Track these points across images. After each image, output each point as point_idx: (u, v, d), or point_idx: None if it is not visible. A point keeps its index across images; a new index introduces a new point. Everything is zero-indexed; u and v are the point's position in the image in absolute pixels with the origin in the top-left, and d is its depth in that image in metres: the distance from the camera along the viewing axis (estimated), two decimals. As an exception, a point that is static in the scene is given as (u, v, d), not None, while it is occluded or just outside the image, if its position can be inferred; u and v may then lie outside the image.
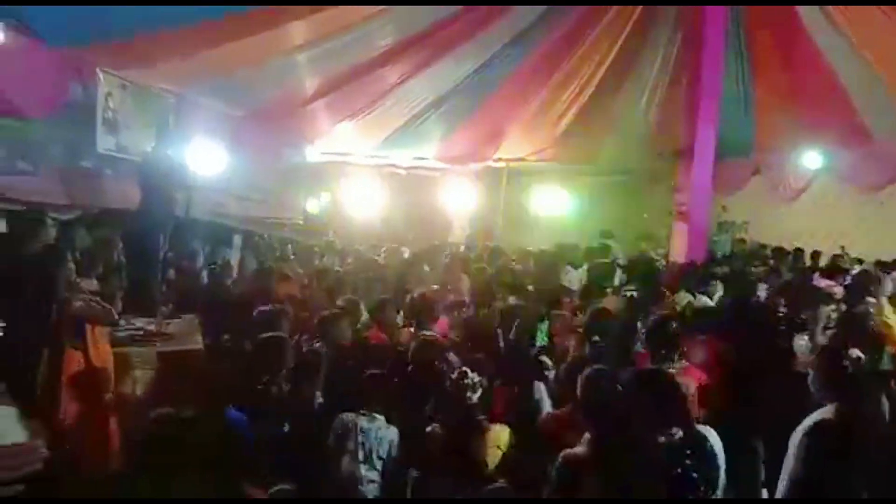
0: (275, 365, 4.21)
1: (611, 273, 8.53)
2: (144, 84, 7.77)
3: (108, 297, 5.34)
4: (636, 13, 9.53)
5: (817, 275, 8.37)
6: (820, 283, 7.62)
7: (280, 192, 11.43)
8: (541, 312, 6.10)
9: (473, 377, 3.69)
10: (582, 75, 10.53)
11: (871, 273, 7.66)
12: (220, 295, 7.22)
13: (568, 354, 4.91)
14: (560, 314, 5.93)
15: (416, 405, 4.19)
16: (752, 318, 5.60)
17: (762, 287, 7.64)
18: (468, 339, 5.18)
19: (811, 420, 3.22)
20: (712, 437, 3.07)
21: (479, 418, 3.71)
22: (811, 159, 11.03)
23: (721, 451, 3.06)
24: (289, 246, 11.26)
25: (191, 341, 5.66)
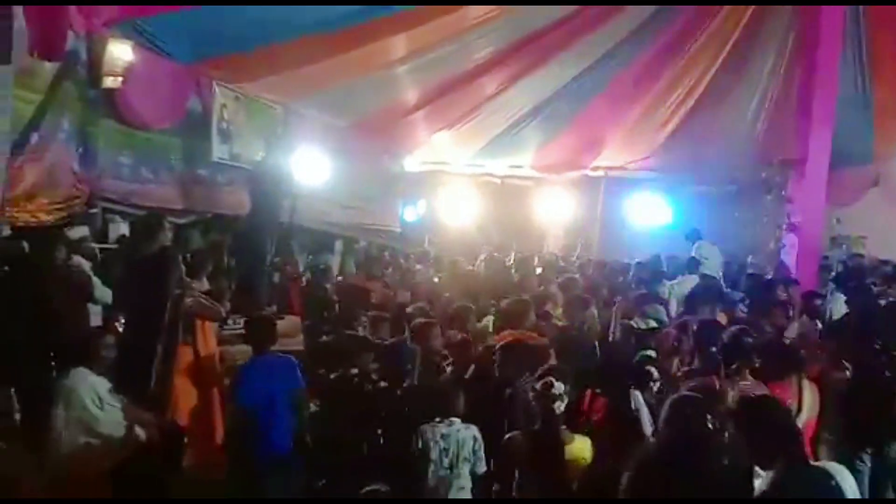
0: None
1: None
2: (255, 96, 8.21)
3: (217, 296, 5.67)
4: (747, 14, 9.17)
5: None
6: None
7: (379, 200, 11.72)
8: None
9: (559, 387, 3.61)
10: (688, 80, 10.23)
11: None
12: (320, 298, 7.50)
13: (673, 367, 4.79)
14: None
15: (498, 413, 4.19)
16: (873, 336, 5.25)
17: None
18: (558, 349, 5.12)
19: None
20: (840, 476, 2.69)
21: (561, 428, 3.61)
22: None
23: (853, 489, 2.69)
24: (386, 253, 11.53)
25: (293, 342, 5.92)
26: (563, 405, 3.64)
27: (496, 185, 12.91)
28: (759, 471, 2.72)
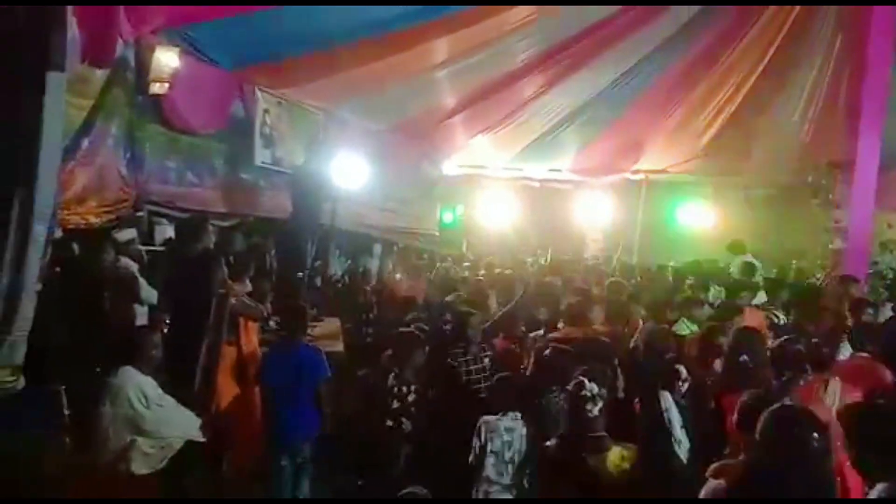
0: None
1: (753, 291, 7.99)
2: (297, 101, 8.32)
3: (259, 298, 5.77)
4: (792, 15, 8.97)
5: None
6: None
7: (417, 203, 11.77)
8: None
9: (592, 388, 3.48)
10: (731, 83, 10.05)
11: None
12: (360, 300, 7.56)
13: (705, 372, 4.70)
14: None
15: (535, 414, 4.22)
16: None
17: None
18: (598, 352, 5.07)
19: None
20: None
21: (598, 435, 3.46)
22: None
23: None
24: (424, 256, 11.57)
25: (333, 343, 5.98)
26: (598, 408, 3.47)
27: (534, 189, 12.86)
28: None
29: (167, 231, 7.18)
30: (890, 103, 8.76)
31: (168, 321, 5.39)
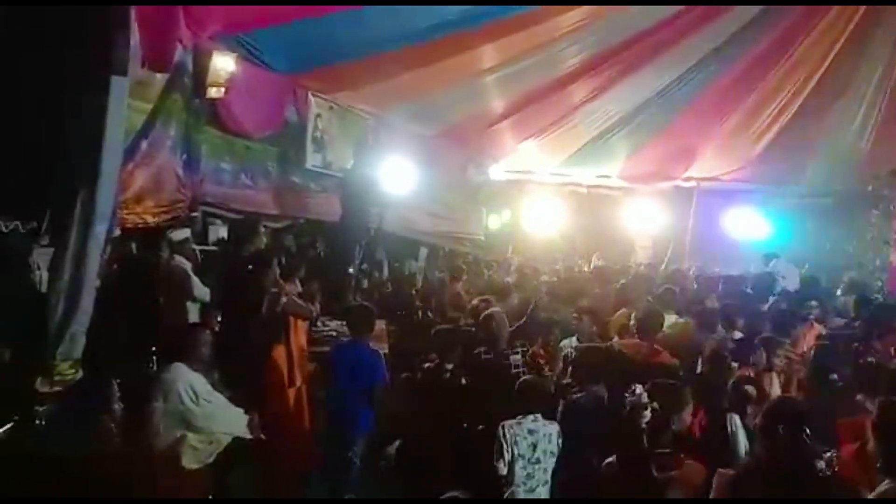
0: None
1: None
2: (348, 106, 8.43)
3: (308, 298, 5.87)
4: (856, 17, 8.67)
5: None
6: None
7: (464, 208, 11.78)
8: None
9: (642, 395, 3.41)
10: (788, 89, 9.79)
11: None
12: (405, 303, 7.61)
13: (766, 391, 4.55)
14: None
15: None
16: None
17: None
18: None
19: None
20: None
21: (663, 452, 3.31)
22: None
23: None
24: (469, 260, 11.58)
25: (379, 345, 6.01)
26: (645, 419, 3.39)
27: (582, 195, 12.75)
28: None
29: (220, 231, 7.37)
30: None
31: (220, 319, 5.53)
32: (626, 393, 3.54)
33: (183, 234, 6.09)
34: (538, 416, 4.13)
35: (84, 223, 3.97)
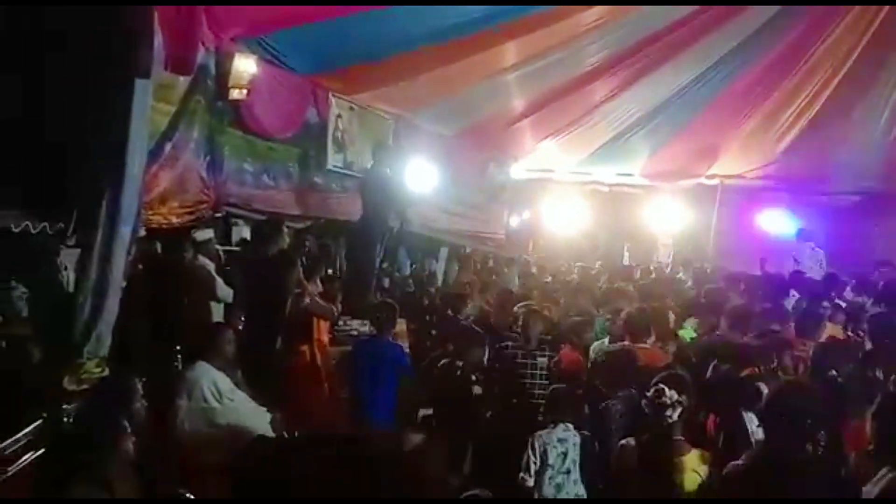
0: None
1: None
2: (369, 106, 8.47)
3: (329, 298, 5.91)
4: (881, 15, 8.53)
5: None
6: None
7: (484, 207, 11.77)
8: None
9: (672, 395, 3.49)
10: (812, 85, 9.66)
11: None
12: (425, 302, 7.63)
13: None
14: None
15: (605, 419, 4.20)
16: None
17: None
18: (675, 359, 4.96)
19: None
20: None
21: (676, 438, 3.48)
22: None
23: None
24: (490, 260, 11.57)
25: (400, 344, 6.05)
26: (677, 413, 3.48)
27: (604, 193, 12.67)
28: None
29: (243, 231, 7.44)
30: None
31: (243, 319, 5.59)
32: (647, 394, 3.56)
33: (206, 234, 6.16)
34: (569, 425, 4.12)
35: (110, 224, 4.03)
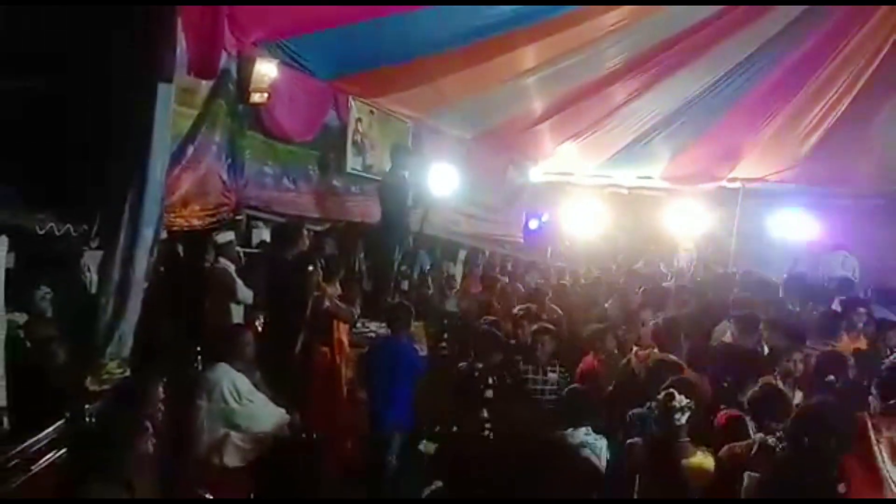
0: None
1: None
2: (388, 110, 8.50)
3: (349, 301, 5.94)
4: (906, 16, 8.41)
5: None
6: None
7: (503, 210, 11.75)
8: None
9: (681, 399, 3.52)
10: (836, 87, 9.51)
11: None
12: (443, 305, 7.64)
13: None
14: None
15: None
16: None
17: None
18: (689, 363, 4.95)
19: None
20: None
21: (682, 440, 3.55)
22: None
23: None
24: (508, 263, 11.56)
25: (418, 347, 6.06)
26: (685, 417, 3.55)
27: (623, 196, 12.58)
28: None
29: (263, 234, 7.50)
30: None
31: (263, 321, 5.63)
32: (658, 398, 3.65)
33: (227, 236, 6.21)
34: (589, 428, 4.09)
35: (132, 226, 4.09)
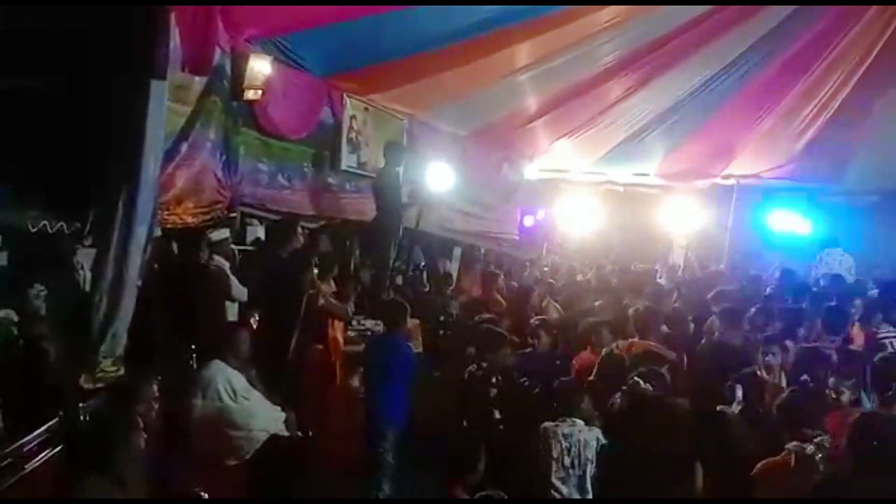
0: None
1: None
2: (382, 107, 8.48)
3: (344, 298, 5.93)
4: (900, 13, 8.42)
5: None
6: None
7: (498, 207, 11.75)
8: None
9: (647, 388, 3.58)
10: (830, 83, 9.53)
11: None
12: (439, 302, 7.64)
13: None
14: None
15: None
16: None
17: None
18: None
19: None
20: None
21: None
22: None
23: None
24: (504, 260, 11.56)
25: (412, 344, 6.05)
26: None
27: (618, 194, 12.60)
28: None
29: (258, 231, 7.48)
30: None
31: (258, 318, 5.61)
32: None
33: (222, 234, 6.20)
34: (577, 420, 4.10)
35: (126, 224, 4.07)
